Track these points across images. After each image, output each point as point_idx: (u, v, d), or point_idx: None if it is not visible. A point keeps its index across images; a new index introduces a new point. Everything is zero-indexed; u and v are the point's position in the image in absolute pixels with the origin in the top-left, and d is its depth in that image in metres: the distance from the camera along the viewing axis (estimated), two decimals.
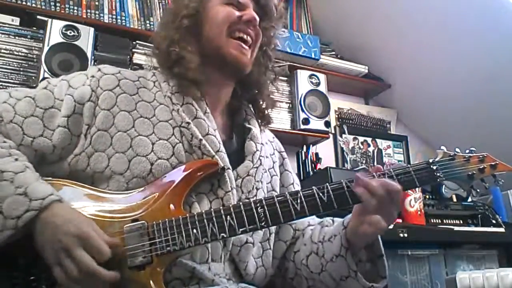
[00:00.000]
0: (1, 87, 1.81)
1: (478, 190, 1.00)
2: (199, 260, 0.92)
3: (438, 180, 0.96)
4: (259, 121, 1.16)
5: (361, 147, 2.78)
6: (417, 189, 1.87)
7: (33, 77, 1.86)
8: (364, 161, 2.75)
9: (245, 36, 1.06)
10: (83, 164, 0.94)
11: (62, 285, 0.80)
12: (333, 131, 2.66)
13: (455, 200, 2.09)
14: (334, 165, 2.61)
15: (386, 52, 2.70)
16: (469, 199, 2.17)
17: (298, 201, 0.89)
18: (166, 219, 0.87)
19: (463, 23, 2.29)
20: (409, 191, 1.85)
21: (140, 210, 0.89)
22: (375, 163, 2.80)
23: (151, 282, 0.84)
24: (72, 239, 0.79)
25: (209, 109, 1.04)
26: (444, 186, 2.06)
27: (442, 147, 1.01)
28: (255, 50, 1.10)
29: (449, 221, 1.99)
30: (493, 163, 0.99)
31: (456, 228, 1.90)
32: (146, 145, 0.95)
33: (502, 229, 1.97)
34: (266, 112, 1.17)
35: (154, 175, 0.93)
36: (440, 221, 1.97)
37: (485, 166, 0.98)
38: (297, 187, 1.20)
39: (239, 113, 1.15)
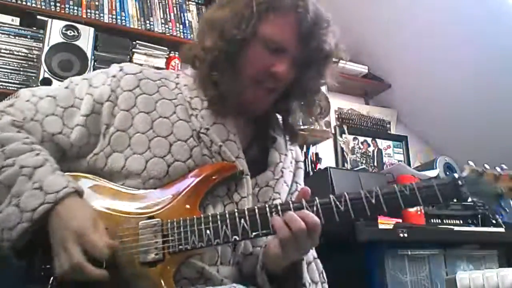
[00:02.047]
0: (1, 87, 1.81)
1: (507, 210, 0.95)
2: (208, 262, 0.92)
3: (464, 196, 0.91)
4: (286, 136, 1.13)
5: (361, 147, 2.78)
6: None
7: (33, 77, 1.86)
8: (364, 161, 2.75)
9: (270, 86, 1.00)
10: (101, 164, 0.95)
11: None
12: (333, 131, 2.66)
13: (455, 200, 2.08)
14: (334, 165, 2.61)
15: (386, 52, 2.70)
16: (469, 199, 2.16)
17: (314, 208, 0.88)
18: (181, 218, 0.88)
19: (463, 24, 2.29)
20: None
21: (156, 208, 0.90)
22: (375, 163, 2.80)
23: (161, 279, 0.84)
24: (70, 233, 0.81)
25: (228, 114, 1.01)
26: None
27: (470, 163, 0.95)
28: (279, 93, 1.04)
29: (449, 221, 1.99)
30: None
31: (456, 228, 1.90)
32: (164, 146, 0.95)
33: (502, 229, 1.97)
34: (294, 130, 1.12)
35: (171, 177, 0.93)
36: (440, 221, 1.97)
37: None
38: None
39: (264, 119, 1.11)
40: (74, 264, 0.79)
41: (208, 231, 0.86)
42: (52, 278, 0.82)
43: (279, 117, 1.14)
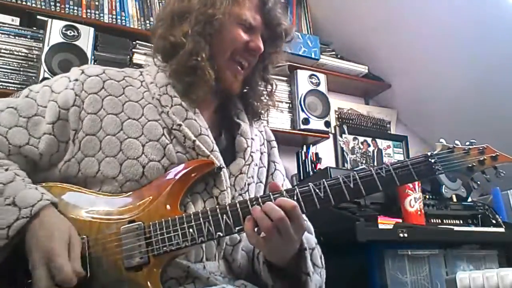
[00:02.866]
0: (1, 87, 1.81)
1: (478, 183, 0.98)
2: (193, 260, 0.92)
3: (437, 173, 0.94)
4: (249, 116, 1.15)
5: (361, 147, 2.78)
6: (417, 189, 1.87)
7: (33, 77, 1.86)
8: (364, 161, 2.75)
9: (244, 62, 1.06)
10: (73, 170, 0.94)
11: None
12: (333, 131, 2.66)
13: (455, 200, 2.08)
14: (334, 165, 2.61)
15: (386, 52, 2.70)
16: (469, 199, 2.16)
17: (295, 198, 0.88)
18: (163, 219, 0.87)
19: (463, 23, 2.29)
20: (409, 191, 1.85)
21: (136, 211, 0.89)
22: (375, 163, 2.80)
23: (148, 282, 0.84)
24: (40, 254, 0.79)
25: (198, 109, 1.03)
26: (444, 186, 2.06)
27: (441, 140, 0.99)
28: (249, 70, 1.10)
29: (449, 221, 1.99)
30: (493, 155, 0.97)
31: (456, 228, 1.89)
32: (136, 148, 0.94)
33: (502, 229, 1.96)
34: (255, 106, 1.15)
35: (147, 178, 0.93)
36: (440, 221, 1.97)
37: (486, 157, 0.97)
38: (279, 174, 1.18)
39: (228, 107, 1.14)
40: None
41: (191, 230, 0.86)
42: None
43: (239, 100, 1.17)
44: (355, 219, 1.65)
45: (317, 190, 0.90)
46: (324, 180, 0.91)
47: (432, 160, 0.94)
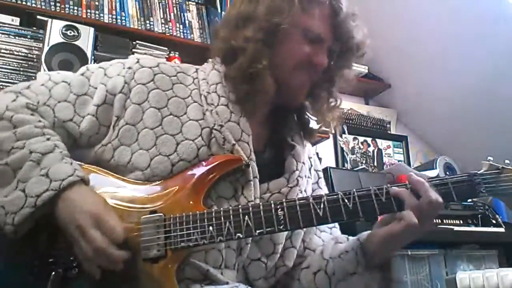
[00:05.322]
0: (1, 87, 1.81)
1: None
2: (212, 265, 0.90)
3: (480, 195, 0.86)
4: (302, 133, 1.11)
5: (361, 147, 2.78)
6: None
7: (33, 77, 1.86)
8: (364, 161, 2.75)
9: (306, 77, 1.02)
10: (108, 155, 0.94)
11: (79, 267, 0.82)
12: (333, 131, 2.65)
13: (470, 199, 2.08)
14: (334, 165, 2.61)
15: (386, 52, 2.70)
16: (469, 199, 2.16)
17: (321, 205, 0.85)
18: (184, 213, 0.86)
19: (463, 23, 2.29)
20: None
21: (159, 202, 0.88)
22: (375, 163, 2.80)
23: (162, 276, 0.83)
24: (87, 218, 0.80)
25: (244, 114, 0.99)
26: None
27: (489, 158, 0.89)
28: (312, 83, 1.05)
29: (449, 221, 1.99)
30: None
31: (456, 228, 1.90)
32: (171, 145, 0.93)
33: (502, 229, 1.97)
34: (310, 125, 1.11)
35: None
36: (440, 221, 1.97)
37: None
38: None
39: (281, 126, 1.10)
40: (98, 248, 0.78)
41: (211, 228, 0.84)
42: (53, 273, 0.82)
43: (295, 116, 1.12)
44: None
45: (346, 200, 0.86)
46: (354, 190, 0.86)
47: (477, 180, 0.87)
